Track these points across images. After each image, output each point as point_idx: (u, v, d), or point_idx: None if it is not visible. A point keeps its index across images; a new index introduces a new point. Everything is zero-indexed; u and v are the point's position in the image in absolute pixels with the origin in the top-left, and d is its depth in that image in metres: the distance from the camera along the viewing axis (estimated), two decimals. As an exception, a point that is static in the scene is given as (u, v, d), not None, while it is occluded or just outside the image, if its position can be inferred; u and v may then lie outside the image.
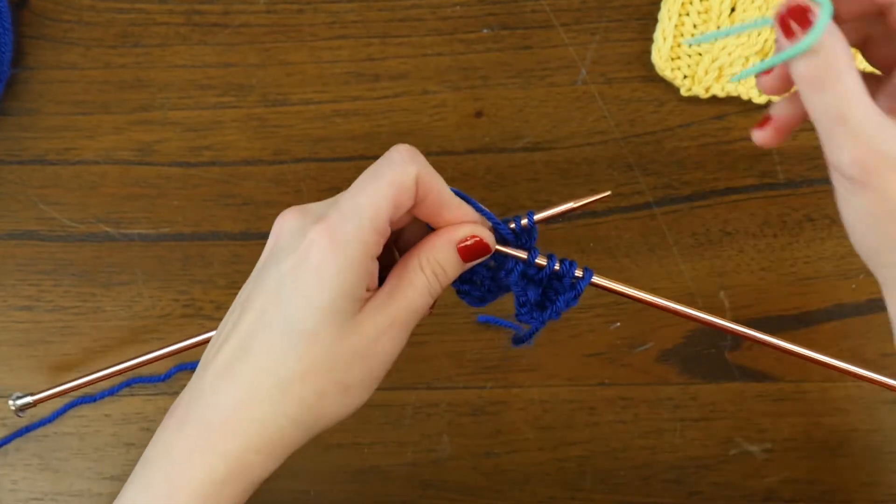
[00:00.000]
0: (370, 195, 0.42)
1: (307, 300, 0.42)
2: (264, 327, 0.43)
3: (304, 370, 0.42)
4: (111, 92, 0.63)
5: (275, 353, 0.42)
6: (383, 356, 0.44)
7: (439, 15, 0.63)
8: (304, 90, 0.63)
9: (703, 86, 0.62)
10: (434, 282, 0.44)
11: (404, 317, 0.44)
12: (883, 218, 0.40)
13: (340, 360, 0.43)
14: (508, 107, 0.63)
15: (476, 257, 0.45)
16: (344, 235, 0.41)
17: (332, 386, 0.43)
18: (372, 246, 0.42)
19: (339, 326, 0.42)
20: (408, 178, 0.42)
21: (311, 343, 0.42)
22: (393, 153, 0.43)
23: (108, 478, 0.63)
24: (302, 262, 0.42)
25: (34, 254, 0.63)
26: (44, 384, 0.63)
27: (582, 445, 0.62)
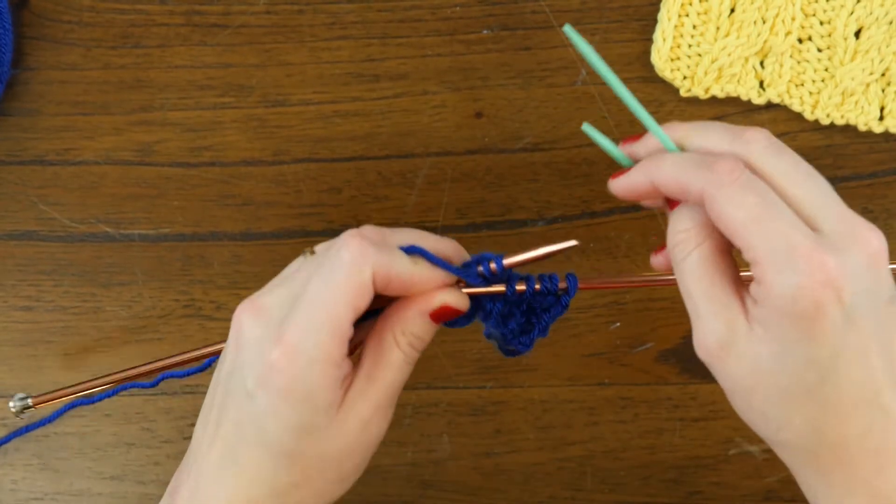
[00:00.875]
0: (327, 309, 0.40)
1: (280, 423, 0.41)
2: (245, 442, 0.42)
3: (297, 481, 0.42)
4: (111, 92, 0.63)
5: (264, 469, 0.42)
6: (374, 439, 0.44)
7: (439, 16, 0.63)
8: (303, 91, 0.63)
9: (703, 86, 0.62)
10: (411, 352, 0.44)
11: (387, 396, 0.43)
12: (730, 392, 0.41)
13: (331, 463, 0.42)
14: (508, 107, 0.63)
15: (450, 318, 0.45)
16: (305, 357, 0.40)
17: (327, 485, 0.43)
18: (336, 356, 0.41)
19: (320, 437, 0.41)
20: (362, 282, 0.41)
21: (295, 460, 0.42)
22: (342, 252, 0.41)
23: (108, 478, 0.63)
24: (268, 386, 0.41)
25: (34, 254, 0.63)
26: (44, 384, 0.63)
27: (582, 445, 0.62)
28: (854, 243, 0.37)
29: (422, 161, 0.63)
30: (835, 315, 0.36)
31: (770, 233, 0.37)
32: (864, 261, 0.37)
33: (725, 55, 0.61)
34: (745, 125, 0.62)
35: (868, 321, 0.37)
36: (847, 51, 0.61)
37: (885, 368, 0.38)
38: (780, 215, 0.37)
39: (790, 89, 0.62)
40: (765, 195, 0.38)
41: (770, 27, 0.61)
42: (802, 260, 0.36)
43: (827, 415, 0.38)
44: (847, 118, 0.62)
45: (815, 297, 0.36)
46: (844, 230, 0.38)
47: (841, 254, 0.37)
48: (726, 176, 0.38)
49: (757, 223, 0.37)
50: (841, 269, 0.36)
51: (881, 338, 0.38)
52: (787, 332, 0.37)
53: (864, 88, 0.61)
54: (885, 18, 0.60)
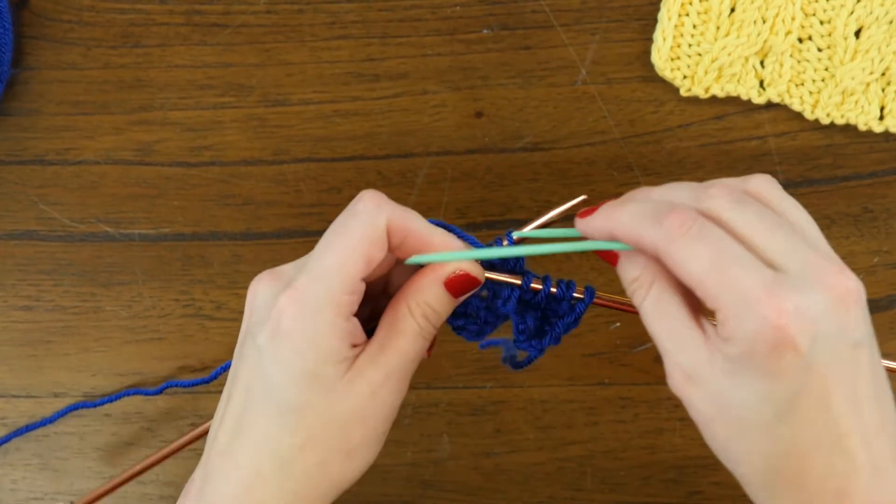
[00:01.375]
0: (338, 254, 0.41)
1: (287, 372, 0.40)
2: (252, 405, 0.42)
3: (301, 443, 0.41)
4: (111, 92, 0.63)
5: (268, 430, 0.41)
6: (383, 410, 0.42)
7: (439, 15, 0.63)
8: (303, 90, 0.63)
9: (703, 86, 0.62)
10: (425, 324, 0.43)
11: (400, 367, 0.42)
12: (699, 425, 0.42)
13: (336, 426, 0.41)
14: (508, 107, 0.63)
15: (466, 291, 0.44)
16: (313, 301, 0.40)
17: (332, 454, 0.42)
18: (344, 307, 0.41)
19: (326, 392, 0.41)
20: (376, 229, 0.41)
21: (301, 415, 0.41)
22: (357, 203, 0.42)
23: (108, 477, 0.63)
24: (275, 333, 0.41)
25: (34, 254, 0.63)
26: (44, 384, 0.63)
27: (582, 445, 0.62)
28: (818, 284, 0.37)
29: (422, 161, 0.63)
30: (792, 357, 0.36)
31: (725, 281, 0.37)
32: (828, 303, 0.36)
33: (725, 55, 0.61)
34: (745, 125, 0.62)
35: (829, 365, 0.37)
36: (847, 50, 0.61)
37: (850, 413, 0.37)
38: (736, 261, 0.37)
39: (790, 89, 0.62)
40: (718, 243, 0.37)
41: (770, 27, 0.61)
42: (758, 305, 0.36)
43: (784, 453, 0.38)
44: (847, 118, 0.62)
45: (771, 342, 0.36)
46: (809, 271, 0.37)
47: (801, 295, 0.36)
48: (676, 230, 0.38)
49: (712, 273, 0.37)
50: (798, 313, 0.36)
51: (845, 382, 0.37)
52: (746, 370, 0.37)
53: (864, 88, 0.61)
54: (885, 18, 0.60)
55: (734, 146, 0.63)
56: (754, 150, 0.62)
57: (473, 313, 0.47)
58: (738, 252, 0.37)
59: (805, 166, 0.63)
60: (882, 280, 0.62)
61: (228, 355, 0.63)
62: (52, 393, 0.63)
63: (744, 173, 0.62)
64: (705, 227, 0.38)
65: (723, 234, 0.38)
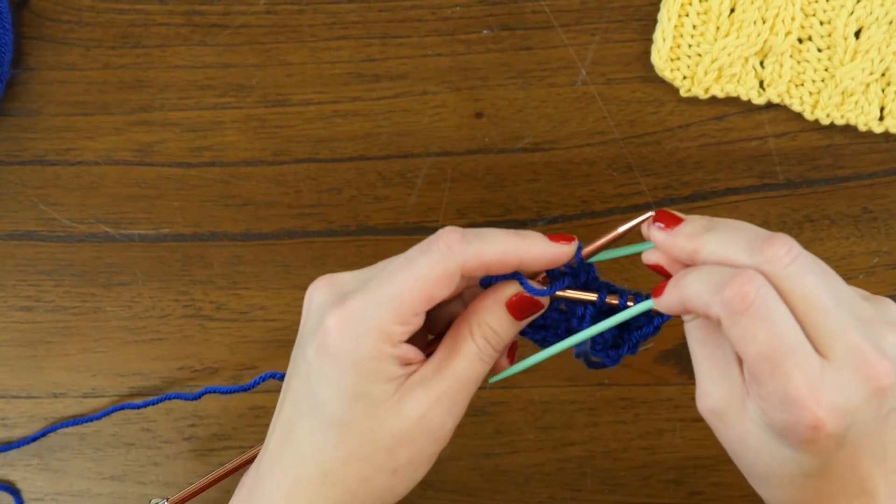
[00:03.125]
0: (398, 286, 0.40)
1: (332, 389, 0.40)
2: (300, 415, 0.42)
3: (345, 457, 0.41)
4: (111, 92, 0.63)
5: (314, 441, 0.42)
6: (433, 433, 0.42)
7: (439, 16, 0.63)
8: (304, 91, 0.63)
9: (703, 86, 0.62)
10: (486, 347, 0.42)
11: (453, 389, 0.42)
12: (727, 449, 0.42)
13: (381, 446, 0.41)
14: (508, 107, 0.63)
15: (529, 313, 0.44)
16: (361, 325, 0.40)
17: (376, 471, 0.41)
18: (395, 336, 0.40)
19: (371, 411, 0.41)
20: (445, 272, 0.40)
21: (345, 431, 0.41)
22: (437, 241, 0.41)
23: (108, 478, 0.63)
24: (321, 348, 0.41)
25: (34, 254, 0.63)
26: (44, 384, 0.63)
27: (582, 446, 0.62)
28: (860, 376, 0.37)
29: (422, 161, 0.63)
30: (826, 444, 0.37)
31: (774, 373, 0.37)
32: (866, 394, 0.37)
33: (725, 55, 0.61)
34: (745, 126, 0.62)
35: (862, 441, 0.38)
36: (847, 51, 0.61)
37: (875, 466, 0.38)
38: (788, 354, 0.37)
39: (790, 89, 0.62)
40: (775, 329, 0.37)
41: (770, 27, 0.61)
42: (797, 408, 0.36)
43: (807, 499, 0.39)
44: (847, 118, 0.62)
45: (804, 433, 0.37)
46: (851, 362, 0.37)
47: (841, 392, 0.37)
48: (738, 304, 0.37)
49: (763, 363, 0.37)
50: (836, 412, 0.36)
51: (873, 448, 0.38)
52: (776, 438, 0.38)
53: (864, 88, 0.61)
54: (885, 18, 0.60)
55: (734, 147, 0.63)
56: (754, 150, 0.63)
57: (553, 324, 0.46)
58: (792, 341, 0.37)
59: (805, 167, 0.63)
60: (882, 280, 0.62)
61: (229, 356, 0.63)
62: (52, 393, 0.63)
63: (744, 174, 0.63)
64: (766, 302, 0.37)
65: (782, 313, 0.37)
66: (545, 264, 0.43)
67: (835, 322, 0.38)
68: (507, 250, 0.42)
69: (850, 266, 0.62)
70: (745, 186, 0.63)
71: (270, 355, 0.63)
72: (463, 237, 0.41)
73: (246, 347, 0.63)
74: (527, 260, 0.42)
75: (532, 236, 0.43)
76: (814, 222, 0.62)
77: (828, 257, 0.62)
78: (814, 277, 0.38)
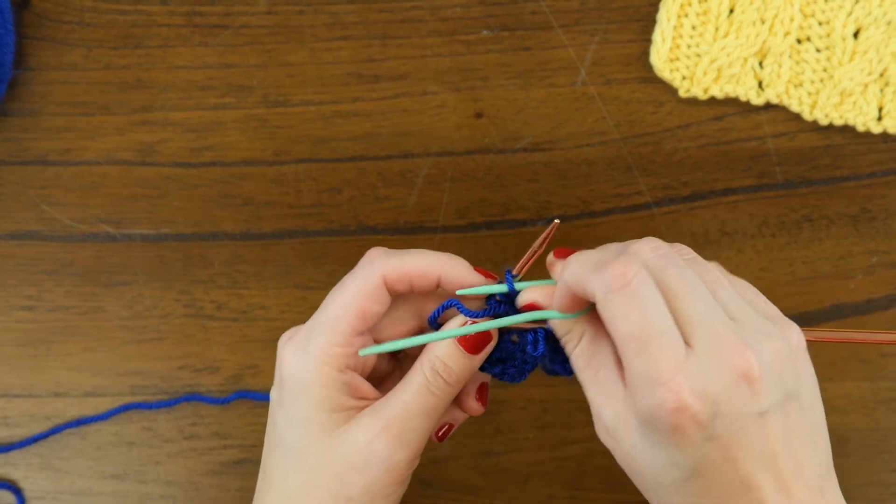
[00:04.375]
0: (331, 311, 0.43)
1: (287, 416, 0.43)
2: (269, 449, 0.45)
3: (301, 484, 0.43)
4: (112, 93, 0.64)
5: (277, 470, 0.44)
6: (382, 463, 0.43)
7: (439, 16, 0.63)
8: (304, 91, 0.63)
9: (702, 87, 0.62)
10: (435, 379, 0.44)
11: (401, 418, 0.43)
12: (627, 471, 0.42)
13: (333, 471, 0.43)
14: (508, 108, 0.63)
15: (481, 346, 0.45)
16: (305, 351, 0.43)
17: (332, 499, 0.43)
18: (337, 358, 0.43)
19: (323, 438, 0.43)
20: (369, 285, 0.43)
21: (300, 457, 0.43)
22: (363, 259, 0.44)
23: (109, 477, 0.63)
24: (279, 382, 0.44)
25: (35, 254, 0.64)
26: (45, 384, 0.63)
27: (581, 444, 0.63)
28: (721, 364, 0.37)
29: (422, 161, 0.63)
30: (692, 433, 0.37)
31: (642, 353, 0.38)
32: (728, 382, 0.37)
33: (724, 56, 0.61)
34: (744, 126, 0.63)
35: (731, 436, 0.38)
36: (845, 51, 0.61)
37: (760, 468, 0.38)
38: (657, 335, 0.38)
39: (789, 89, 0.62)
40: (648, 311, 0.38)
41: (769, 28, 0.61)
42: (659, 387, 0.37)
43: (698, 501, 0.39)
44: (845, 118, 0.62)
45: (668, 421, 0.37)
46: (716, 349, 0.38)
47: (703, 377, 0.37)
48: (616, 280, 0.38)
49: (634, 341, 0.38)
50: (697, 395, 0.37)
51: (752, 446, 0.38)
52: (651, 437, 0.39)
53: (863, 89, 0.62)
54: (883, 19, 0.60)
55: (733, 147, 0.63)
56: (753, 150, 0.63)
57: (509, 356, 0.46)
58: (661, 325, 0.38)
59: (803, 167, 0.63)
60: (881, 280, 0.62)
61: (229, 355, 0.63)
62: (54, 393, 0.63)
63: (743, 174, 0.63)
64: (642, 285, 0.38)
65: (656, 297, 0.38)
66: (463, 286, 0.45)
67: (701, 311, 0.38)
68: (428, 264, 0.44)
69: (848, 266, 0.62)
70: (743, 186, 0.63)
71: (271, 354, 0.62)
72: (386, 252, 0.44)
73: (246, 347, 0.63)
74: (446, 277, 0.44)
75: (456, 259, 0.45)
76: (812, 222, 0.63)
77: (826, 257, 0.62)
78: (675, 269, 0.39)
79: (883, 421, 0.62)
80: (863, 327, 0.62)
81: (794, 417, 0.39)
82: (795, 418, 0.39)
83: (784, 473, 0.39)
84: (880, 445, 0.62)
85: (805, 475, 0.39)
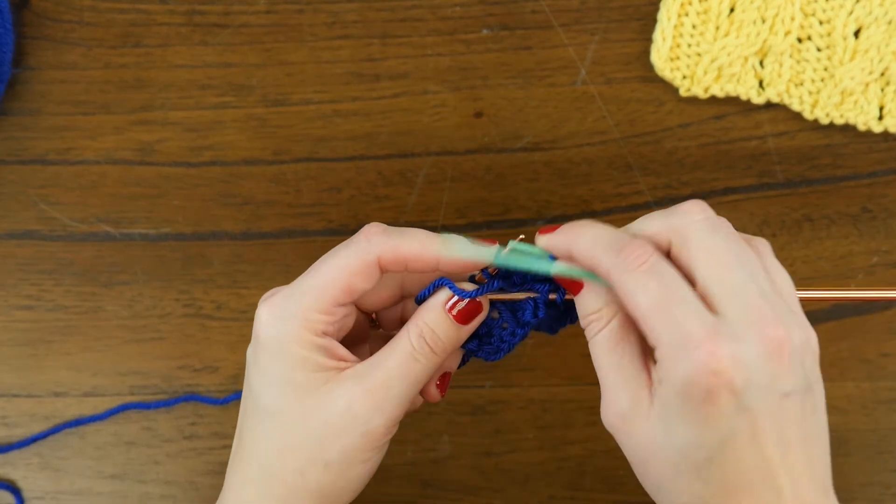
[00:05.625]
0: (319, 277, 0.42)
1: (262, 376, 0.42)
2: (244, 412, 0.44)
3: (279, 448, 0.42)
4: (112, 92, 0.64)
5: (253, 435, 0.43)
6: (361, 427, 0.42)
7: (439, 15, 0.63)
8: (304, 90, 0.63)
9: (702, 86, 0.62)
10: (421, 345, 0.43)
11: (384, 385, 0.42)
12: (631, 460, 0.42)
13: (311, 434, 0.42)
14: (508, 107, 0.63)
15: (471, 316, 0.44)
16: (284, 311, 0.42)
17: (309, 463, 0.42)
18: (315, 323, 0.42)
19: (301, 399, 0.42)
20: (362, 262, 0.42)
21: (276, 419, 0.42)
22: (359, 234, 0.43)
23: (109, 477, 0.63)
24: (254, 340, 0.43)
25: (35, 253, 0.63)
26: (45, 384, 0.63)
27: (581, 445, 0.63)
28: (753, 334, 0.37)
29: (422, 161, 0.63)
30: (725, 402, 0.37)
31: (668, 320, 0.38)
32: (761, 351, 0.37)
33: (725, 55, 0.61)
34: (745, 125, 0.63)
35: (761, 411, 0.38)
36: (846, 50, 0.61)
37: (781, 456, 0.38)
38: (681, 302, 0.38)
39: (790, 89, 0.62)
40: (668, 282, 0.38)
41: (769, 27, 0.61)
42: (695, 349, 0.37)
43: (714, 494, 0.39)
44: (846, 117, 0.62)
45: (704, 385, 0.37)
46: (747, 319, 0.38)
47: (737, 342, 0.37)
48: (633, 261, 0.39)
49: (657, 311, 0.38)
50: (733, 359, 0.37)
51: (775, 428, 0.38)
52: (680, 413, 0.38)
53: (864, 88, 0.62)
54: (884, 18, 0.60)
55: (733, 146, 0.63)
56: (754, 149, 0.63)
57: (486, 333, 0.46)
58: (684, 294, 0.38)
59: (804, 166, 0.63)
60: (881, 280, 0.62)
61: (229, 355, 0.63)
62: (53, 392, 0.63)
63: (743, 173, 0.63)
64: (658, 263, 0.39)
65: (674, 273, 0.39)
66: (462, 265, 0.43)
67: (739, 280, 0.38)
68: (425, 247, 0.43)
69: (849, 265, 0.62)
70: (744, 185, 0.63)
71: (271, 354, 0.63)
72: (384, 231, 0.43)
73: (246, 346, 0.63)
74: (445, 259, 0.43)
75: (453, 239, 0.44)
76: (813, 221, 0.62)
77: (827, 256, 0.62)
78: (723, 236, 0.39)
79: (883, 421, 0.62)
80: (863, 327, 0.62)
81: (809, 410, 0.39)
82: (810, 412, 0.39)
83: (796, 466, 0.38)
84: (880, 445, 0.62)
85: (814, 473, 0.39)
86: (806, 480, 0.39)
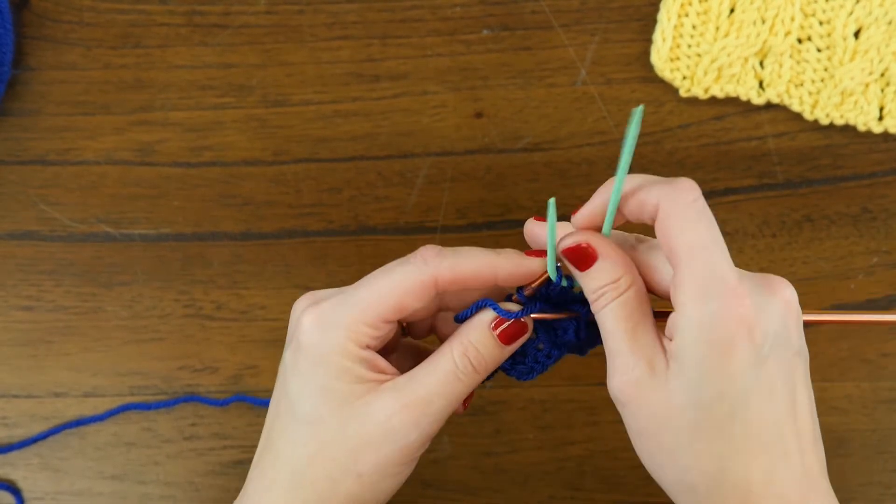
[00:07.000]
0: (370, 291, 0.42)
1: (302, 382, 0.42)
2: (277, 415, 0.43)
3: (312, 455, 0.42)
4: (112, 92, 0.64)
5: (286, 440, 0.43)
6: (396, 441, 0.42)
7: (439, 16, 0.63)
8: (304, 91, 0.63)
9: (703, 86, 0.62)
10: (465, 364, 0.43)
11: (423, 400, 0.42)
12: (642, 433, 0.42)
13: (346, 446, 0.42)
14: (508, 107, 0.63)
15: (515, 337, 0.44)
16: (331, 320, 0.42)
17: (342, 473, 0.42)
18: (360, 335, 0.41)
19: (339, 409, 0.41)
20: (416, 283, 0.41)
21: (313, 426, 0.42)
22: (415, 255, 0.42)
23: (109, 477, 0.63)
24: (296, 347, 0.42)
25: (35, 254, 0.63)
26: (45, 384, 0.63)
27: (582, 445, 0.63)
28: (770, 291, 0.39)
29: (422, 161, 0.63)
30: (747, 351, 0.38)
31: (707, 260, 0.38)
32: (780, 308, 0.39)
33: (725, 55, 0.61)
34: (745, 125, 0.63)
35: (776, 364, 0.38)
36: (846, 51, 0.61)
37: (791, 421, 0.39)
38: (721, 250, 0.39)
39: (790, 89, 0.62)
40: (713, 227, 0.39)
41: (769, 27, 0.61)
42: (727, 292, 0.37)
43: (734, 453, 0.39)
44: (846, 118, 0.62)
45: (730, 329, 0.37)
46: (761, 279, 0.40)
47: (759, 296, 0.38)
48: (687, 194, 0.39)
49: (700, 250, 0.38)
50: (757, 309, 0.38)
51: (787, 383, 0.39)
52: (700, 365, 0.38)
53: (864, 88, 0.62)
54: (884, 18, 0.60)
55: (733, 147, 0.63)
56: (754, 150, 0.63)
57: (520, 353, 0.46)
58: (721, 242, 0.39)
59: (804, 167, 0.63)
60: (881, 280, 0.62)
61: (229, 355, 0.63)
62: (53, 393, 0.63)
63: (743, 174, 0.63)
64: (707, 207, 0.40)
65: (714, 220, 0.39)
66: (520, 279, 0.44)
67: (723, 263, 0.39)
68: (482, 265, 0.43)
69: (849, 265, 0.62)
70: (744, 186, 0.63)
71: (270, 355, 0.63)
72: (440, 252, 0.42)
73: (246, 347, 0.63)
74: (502, 275, 0.43)
75: (506, 252, 0.44)
76: (813, 222, 0.62)
77: (827, 257, 0.62)
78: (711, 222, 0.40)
79: (883, 421, 0.62)
80: (863, 327, 0.62)
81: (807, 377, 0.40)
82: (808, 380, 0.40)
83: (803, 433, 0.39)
84: (881, 445, 0.62)
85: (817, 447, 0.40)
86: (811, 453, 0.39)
